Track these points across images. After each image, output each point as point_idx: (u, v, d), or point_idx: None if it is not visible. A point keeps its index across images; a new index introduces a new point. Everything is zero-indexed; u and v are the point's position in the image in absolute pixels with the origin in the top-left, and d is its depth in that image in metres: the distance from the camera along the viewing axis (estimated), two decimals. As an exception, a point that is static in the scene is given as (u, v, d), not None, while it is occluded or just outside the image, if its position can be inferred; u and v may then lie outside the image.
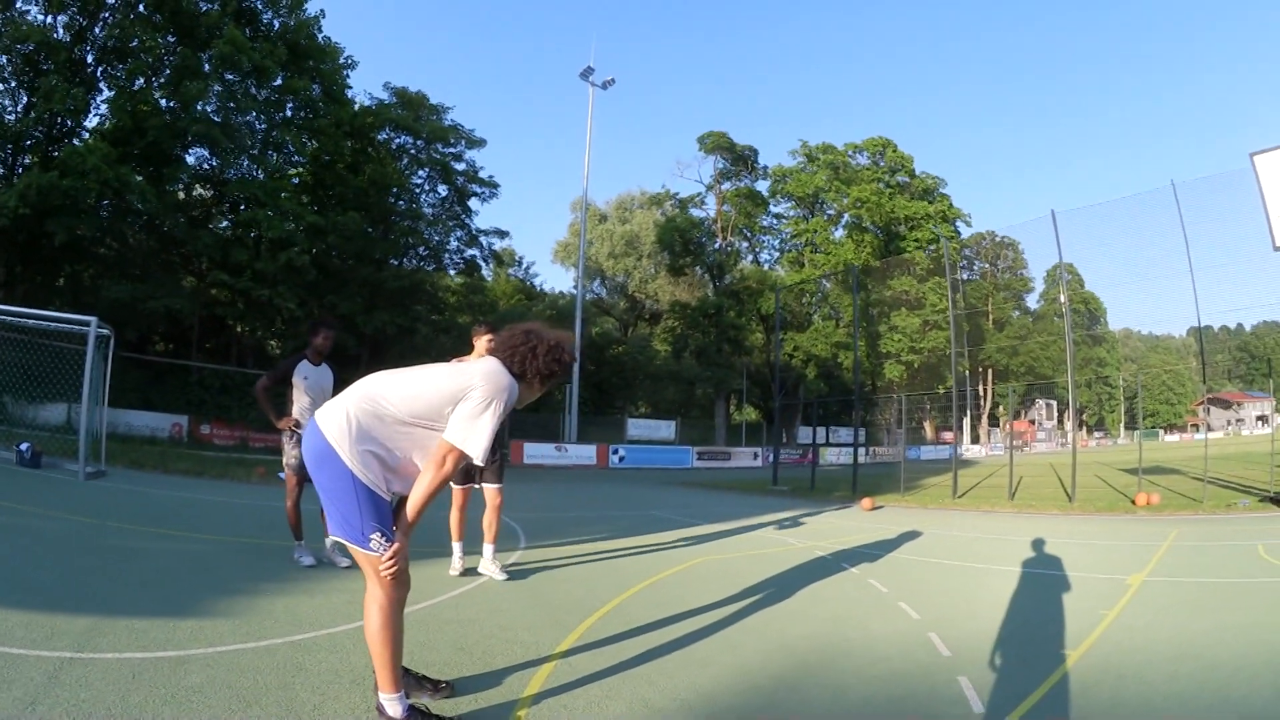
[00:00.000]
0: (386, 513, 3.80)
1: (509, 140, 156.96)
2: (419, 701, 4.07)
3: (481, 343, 7.44)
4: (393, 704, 3.77)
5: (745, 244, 71.84)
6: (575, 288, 50.34)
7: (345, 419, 3.74)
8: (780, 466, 29.57)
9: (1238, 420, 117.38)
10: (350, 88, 43.52)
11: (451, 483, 6.88)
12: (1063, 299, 25.59)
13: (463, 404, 3.78)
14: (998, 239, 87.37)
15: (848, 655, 5.59)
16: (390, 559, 3.74)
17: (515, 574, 7.99)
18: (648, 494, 22.54)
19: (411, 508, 3.83)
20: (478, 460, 3.82)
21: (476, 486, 7.94)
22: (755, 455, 49.53)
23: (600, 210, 69.96)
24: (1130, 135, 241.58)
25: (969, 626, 6.49)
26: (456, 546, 7.88)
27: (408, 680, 4.16)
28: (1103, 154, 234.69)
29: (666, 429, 52.95)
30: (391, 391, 3.85)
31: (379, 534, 3.72)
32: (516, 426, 46.29)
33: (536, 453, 39.41)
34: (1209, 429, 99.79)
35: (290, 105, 40.41)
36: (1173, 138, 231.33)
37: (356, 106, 44.07)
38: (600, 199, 71.85)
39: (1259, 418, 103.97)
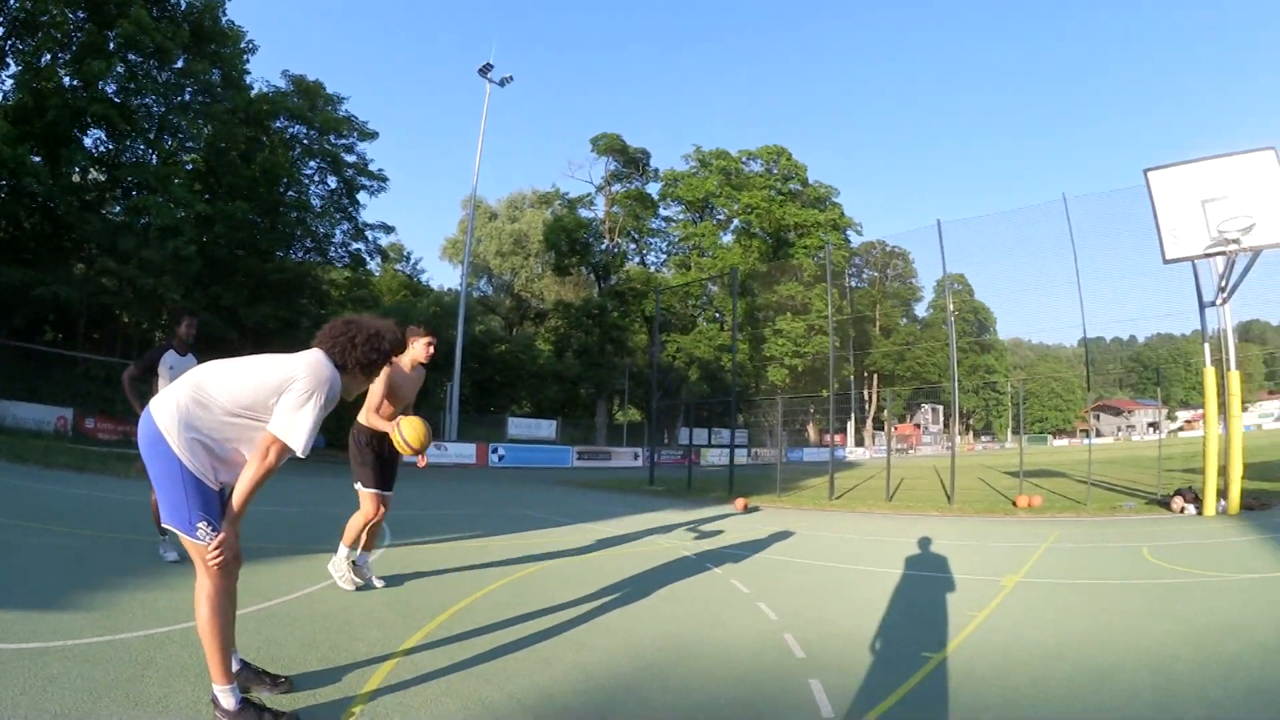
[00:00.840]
0: (214, 502, 3.70)
1: (401, 134, 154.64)
2: (256, 696, 4.02)
3: (419, 345, 7.40)
4: (225, 695, 3.68)
5: (633, 246, 72.13)
6: (462, 285, 49.77)
7: (175, 407, 3.65)
8: (660, 467, 29.82)
9: (1128, 426, 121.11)
10: (249, 73, 42.52)
11: (363, 486, 7.17)
12: (950, 308, 25.87)
13: (285, 395, 3.76)
14: (888, 248, 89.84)
15: (697, 656, 5.50)
16: (216, 549, 3.63)
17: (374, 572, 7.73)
18: (523, 493, 22.42)
19: (237, 499, 3.74)
20: (299, 453, 3.77)
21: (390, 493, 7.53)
22: (636, 455, 49.64)
23: (491, 208, 69.68)
24: (1028, 149, 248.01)
25: (828, 628, 6.42)
26: (359, 555, 7.41)
27: (247, 674, 4.15)
28: (1004, 168, 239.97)
29: (547, 428, 52.83)
30: (218, 381, 3.77)
31: (205, 523, 3.61)
32: (398, 424, 45.79)
33: (415, 451, 38.84)
34: (1098, 434, 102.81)
35: (189, 89, 39.28)
36: (1069, 153, 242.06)
37: (254, 93, 43.03)
38: (492, 197, 71.99)
39: (1149, 424, 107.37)
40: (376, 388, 6.95)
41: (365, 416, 7.07)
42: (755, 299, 63.39)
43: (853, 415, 64.89)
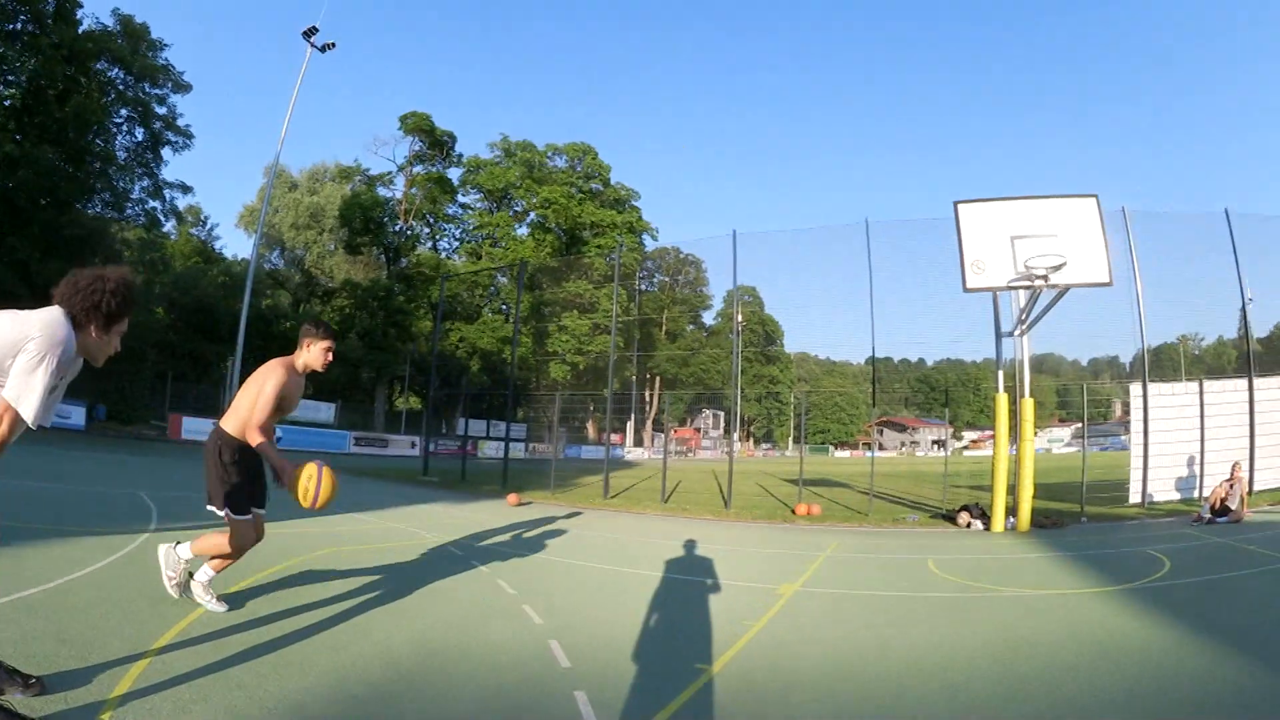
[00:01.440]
0: None
1: (211, 89, 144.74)
2: (8, 698, 3.72)
3: (317, 349, 5.97)
4: None
5: (427, 230, 71.14)
6: (252, 256, 47.56)
7: None
8: (436, 457, 29.15)
9: (912, 443, 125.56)
10: (81, 5, 38.90)
11: (233, 512, 5.69)
12: (737, 318, 25.97)
13: (20, 357, 3.28)
14: (682, 255, 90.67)
15: (458, 663, 5.15)
16: None
17: (134, 558, 7.18)
18: None
19: None
20: (30, 423, 3.30)
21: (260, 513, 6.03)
22: (413, 444, 48.44)
23: (293, 178, 66.43)
24: (833, 171, 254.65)
25: (596, 635, 6.09)
26: (201, 568, 6.00)
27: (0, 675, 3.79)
28: (810, 189, 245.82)
29: (326, 411, 50.87)
30: None
31: None
32: (178, 398, 43.07)
33: (196, 428, 36.82)
34: (880, 448, 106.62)
35: (22, 16, 35.97)
36: (874, 179, 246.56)
37: (81, 29, 39.38)
38: (296, 166, 68.18)
39: (934, 442, 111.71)
40: (269, 392, 5.63)
41: (238, 426, 5.69)
42: (543, 294, 63.06)
43: (633, 415, 65.23)
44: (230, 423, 5.72)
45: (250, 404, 5.65)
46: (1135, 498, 18.19)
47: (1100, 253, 14.71)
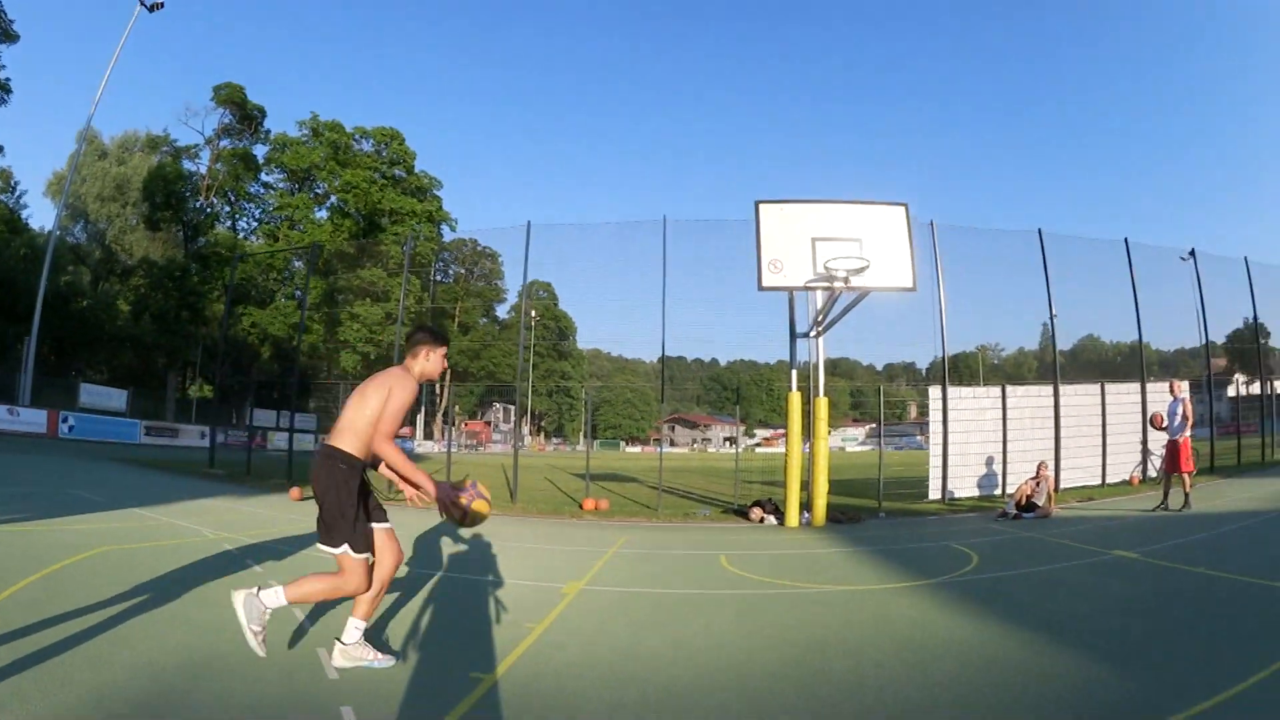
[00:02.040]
0: None
1: (32, 42, 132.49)
2: None
3: (436, 356, 5.37)
4: None
5: (227, 208, 68.82)
6: (54, 228, 44.30)
7: None
8: (226, 449, 28.70)
9: (704, 439, 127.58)
10: None
11: (352, 551, 4.82)
12: (531, 312, 25.41)
13: None
14: (479, 247, 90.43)
15: (223, 675, 4.74)
16: None
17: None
18: (81, 470, 20.99)
19: None
20: None
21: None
22: (203, 434, 46.04)
23: (104, 146, 62.24)
24: (634, 171, 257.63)
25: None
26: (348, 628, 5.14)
27: None
28: (613, 187, 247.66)
29: (118, 399, 48.25)
30: None
31: None
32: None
33: (-11, 416, 34.81)
34: (672, 444, 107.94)
35: None
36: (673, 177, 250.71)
37: None
38: (109, 132, 64.04)
39: (726, 439, 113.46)
40: (403, 401, 4.94)
41: (361, 443, 4.90)
42: (337, 280, 61.74)
43: (423, 408, 64.03)
44: (349, 440, 4.91)
45: (375, 416, 4.88)
46: (935, 494, 18.54)
47: (905, 259, 15.01)
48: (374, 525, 5.05)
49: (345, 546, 4.82)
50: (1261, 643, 5.52)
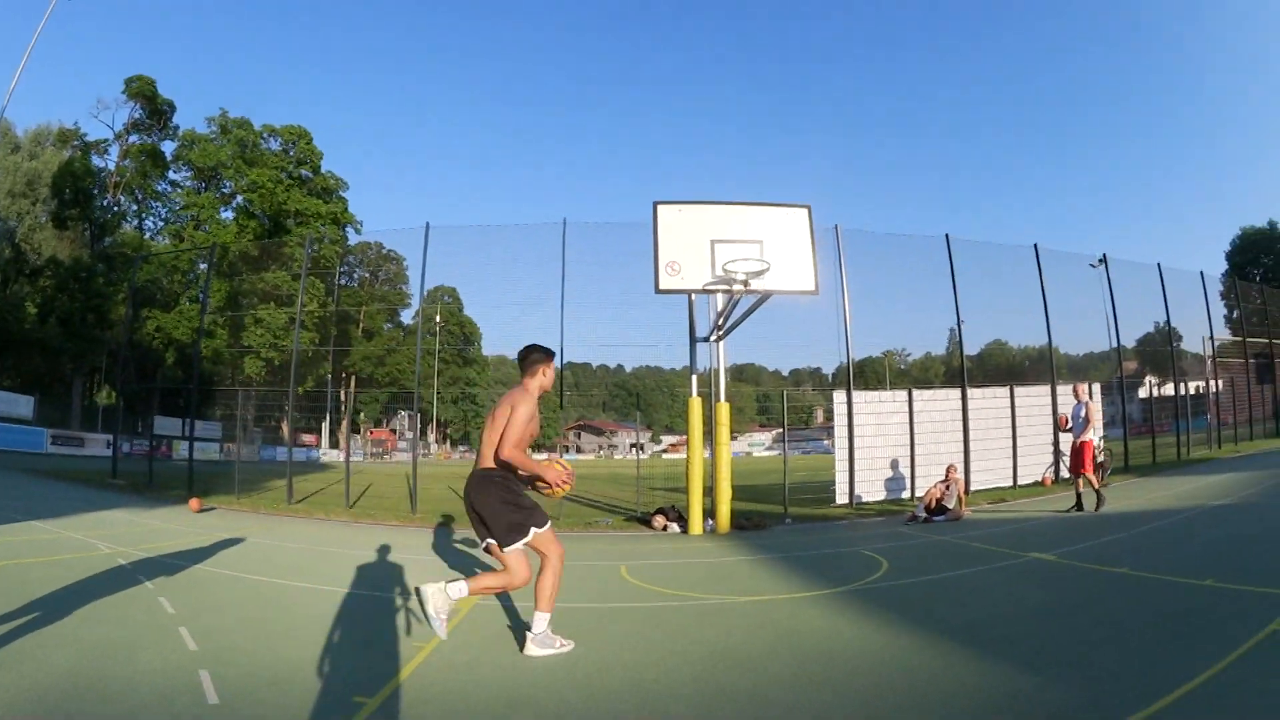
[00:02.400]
0: None
1: None
2: None
3: (550, 371, 6.51)
4: None
5: (134, 206, 67.27)
6: None
7: None
8: (131, 459, 28.13)
9: (610, 446, 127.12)
10: None
11: (537, 528, 5.87)
12: (429, 315, 24.81)
13: None
14: (384, 251, 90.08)
15: (105, 699, 4.58)
16: None
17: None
18: None
19: None
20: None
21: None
22: (108, 443, 44.62)
23: (18, 139, 60.13)
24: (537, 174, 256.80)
25: (252, 662, 5.49)
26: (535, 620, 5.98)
27: None
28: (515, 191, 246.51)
29: (25, 406, 46.74)
30: None
31: None
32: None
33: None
34: (579, 451, 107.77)
35: None
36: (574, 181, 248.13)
37: None
38: (23, 125, 61.65)
39: (632, 445, 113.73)
40: (528, 413, 5.95)
41: (509, 451, 5.75)
42: (241, 283, 60.36)
43: (328, 415, 63.13)
44: (491, 459, 5.89)
45: (517, 428, 5.80)
46: (842, 498, 18.50)
47: (808, 262, 14.99)
48: (533, 529, 5.80)
49: (533, 528, 5.78)
50: (1198, 644, 5.41)
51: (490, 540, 5.92)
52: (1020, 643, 5.84)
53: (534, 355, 6.38)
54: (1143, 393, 33.64)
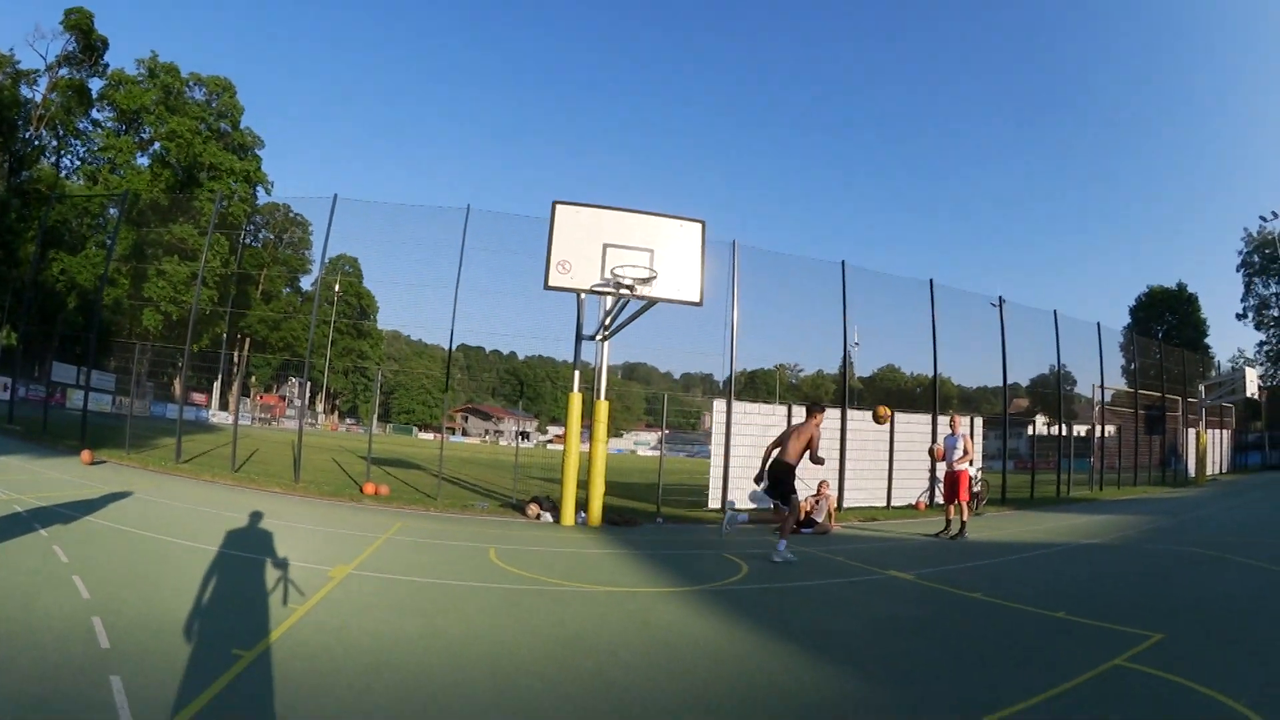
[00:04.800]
0: None
1: None
2: None
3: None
4: None
5: (54, 142, 65.00)
6: None
7: None
8: (27, 404, 28.44)
9: (496, 431, 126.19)
10: None
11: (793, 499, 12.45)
12: (328, 283, 24.75)
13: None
14: (291, 214, 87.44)
15: (4, 640, 4.95)
16: None
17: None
18: None
19: None
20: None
21: None
22: (4, 386, 43.35)
23: None
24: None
25: (140, 612, 5.90)
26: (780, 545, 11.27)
27: None
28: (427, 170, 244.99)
29: None
30: None
31: None
32: None
33: None
34: (464, 434, 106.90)
35: None
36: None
37: None
38: None
39: (519, 433, 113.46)
40: (815, 438, 11.98)
41: (794, 458, 11.88)
42: (149, 233, 59.29)
43: (220, 376, 62.17)
44: (791, 457, 11.86)
45: (800, 448, 11.86)
46: (715, 503, 18.79)
47: (696, 274, 15.37)
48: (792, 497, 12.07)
49: (793, 497, 11.99)
50: (1033, 671, 5.70)
51: (775, 500, 12.28)
52: (861, 652, 6.28)
53: (819, 408, 12.48)
54: (1031, 430, 34.50)
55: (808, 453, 11.58)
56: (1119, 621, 7.10)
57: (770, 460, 12.00)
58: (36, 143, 61.48)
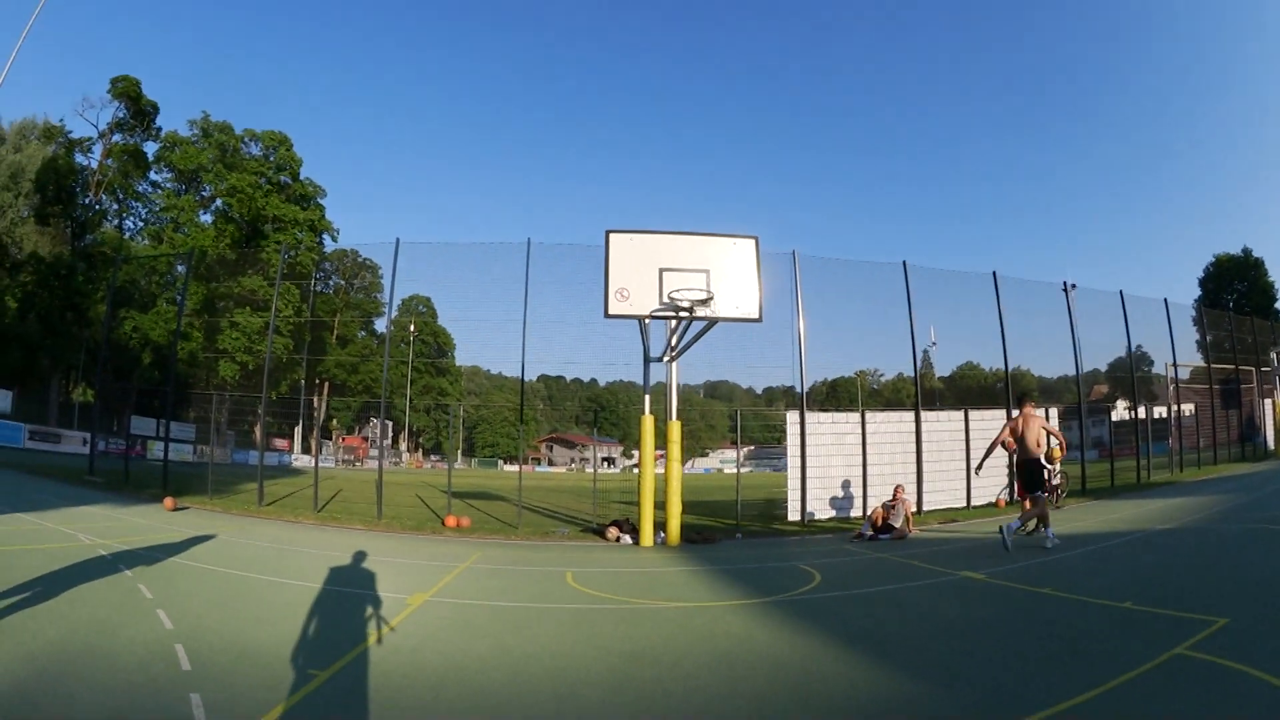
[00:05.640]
0: None
1: None
2: None
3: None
4: None
5: (115, 205, 66.37)
6: None
7: None
8: (107, 457, 28.09)
9: (581, 459, 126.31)
10: None
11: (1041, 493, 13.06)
12: (399, 325, 25.11)
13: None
14: (360, 259, 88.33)
15: (90, 664, 5.31)
16: None
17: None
18: None
19: None
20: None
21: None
22: (84, 440, 44.17)
23: (3, 130, 59.59)
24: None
25: (220, 640, 6.21)
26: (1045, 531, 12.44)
27: None
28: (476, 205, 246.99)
29: (3, 400, 46.75)
30: None
31: None
32: None
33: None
34: (550, 464, 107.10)
35: None
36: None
37: None
38: (10, 116, 60.85)
39: (605, 459, 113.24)
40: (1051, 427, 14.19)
41: (1034, 451, 12.65)
42: (218, 287, 60.37)
43: (301, 421, 62.94)
44: (1034, 452, 12.63)
45: (1035, 440, 12.60)
46: (794, 515, 18.83)
47: (753, 291, 15.41)
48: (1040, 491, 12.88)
49: (1039, 493, 12.65)
50: (1094, 663, 5.60)
51: (1029, 494, 12.90)
52: (920, 653, 6.24)
53: (1028, 396, 13.87)
54: (1115, 416, 33.87)
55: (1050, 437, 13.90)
56: (1184, 608, 7.01)
57: (1017, 463, 13.30)
58: (98, 207, 62.46)
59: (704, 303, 14.75)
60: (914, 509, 17.62)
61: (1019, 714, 4.52)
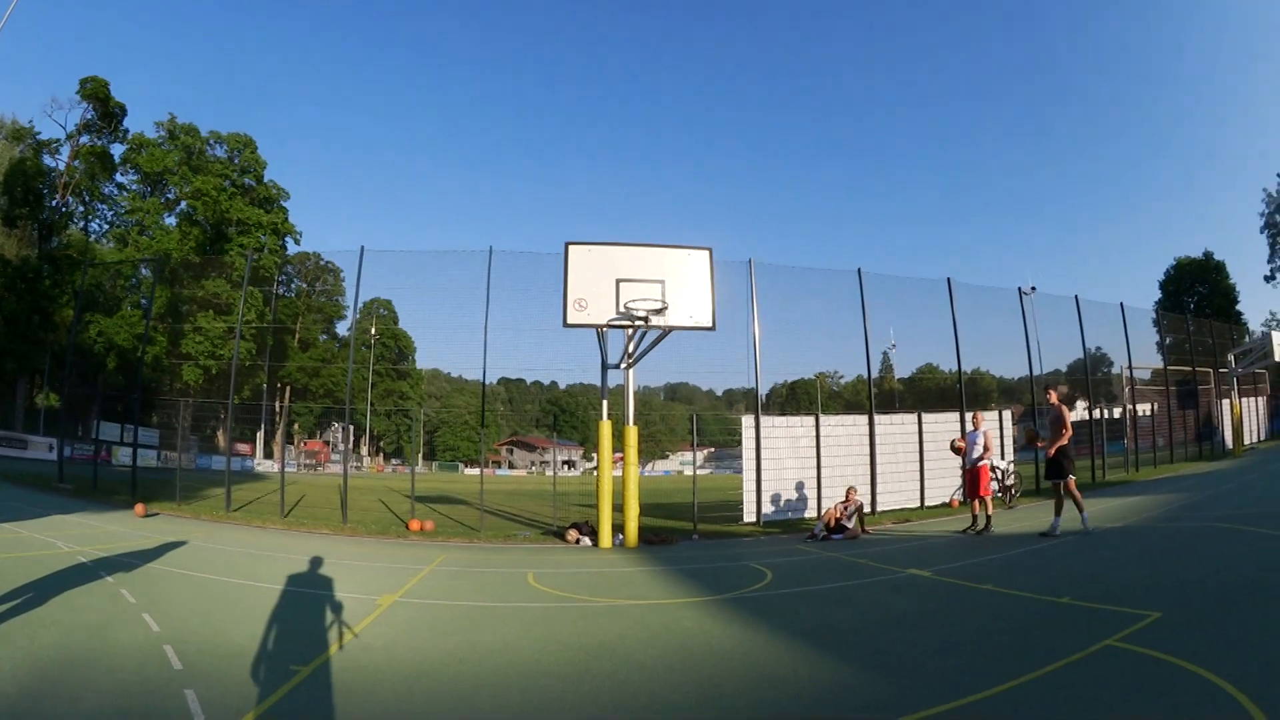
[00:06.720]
0: None
1: None
2: None
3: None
4: None
5: (81, 208, 65.87)
6: None
7: None
8: (74, 463, 28.20)
9: (542, 462, 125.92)
10: None
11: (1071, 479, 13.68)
12: (363, 328, 25.25)
13: None
14: (322, 262, 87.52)
15: (87, 666, 5.60)
16: None
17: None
18: None
19: None
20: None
21: None
22: (50, 446, 43.85)
23: None
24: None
25: (206, 640, 6.58)
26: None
27: None
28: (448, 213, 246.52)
29: None
30: None
31: None
32: None
33: None
34: (511, 467, 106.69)
35: None
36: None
37: None
38: None
39: (565, 462, 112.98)
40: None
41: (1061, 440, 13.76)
42: (182, 290, 59.75)
43: (263, 426, 62.72)
44: (1061, 440, 13.66)
45: (1060, 427, 13.76)
46: (750, 517, 19.17)
47: (707, 300, 15.94)
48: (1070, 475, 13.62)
49: (1069, 477, 13.46)
50: (1027, 653, 5.93)
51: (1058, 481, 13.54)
52: (863, 645, 6.61)
53: (1059, 389, 14.78)
54: (1073, 417, 34.28)
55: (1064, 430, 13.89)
56: (1120, 603, 7.21)
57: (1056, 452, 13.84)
58: (64, 209, 62.06)
59: (659, 312, 15.25)
60: (867, 509, 18.01)
61: (954, 698, 4.88)
